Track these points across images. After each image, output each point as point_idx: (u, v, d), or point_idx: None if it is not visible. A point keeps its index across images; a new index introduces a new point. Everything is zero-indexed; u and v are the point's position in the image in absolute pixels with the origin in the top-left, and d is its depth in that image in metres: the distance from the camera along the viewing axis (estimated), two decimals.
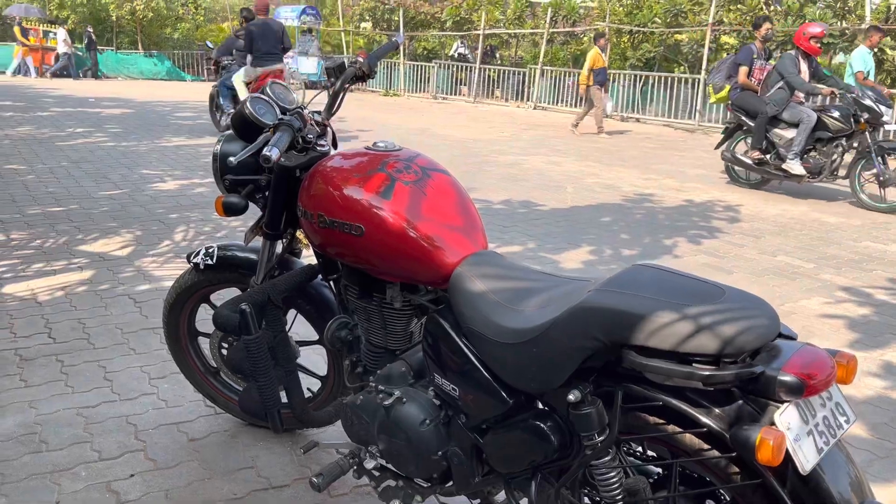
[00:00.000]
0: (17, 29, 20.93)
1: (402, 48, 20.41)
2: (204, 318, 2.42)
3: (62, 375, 2.86)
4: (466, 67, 19.62)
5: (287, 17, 21.56)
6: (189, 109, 13.58)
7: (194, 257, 2.27)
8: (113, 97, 15.15)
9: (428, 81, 20.05)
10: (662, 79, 15.14)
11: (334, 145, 2.16)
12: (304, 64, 20.95)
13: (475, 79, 18.96)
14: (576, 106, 16.84)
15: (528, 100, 17.87)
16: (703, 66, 14.06)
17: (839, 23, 13.06)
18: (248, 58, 9.36)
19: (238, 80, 9.59)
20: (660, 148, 11.31)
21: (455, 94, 19.93)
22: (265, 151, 1.71)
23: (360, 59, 2.15)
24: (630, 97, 15.65)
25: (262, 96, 2.02)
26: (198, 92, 17.85)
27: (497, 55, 21.67)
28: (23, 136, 8.88)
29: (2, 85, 17.68)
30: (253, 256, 2.22)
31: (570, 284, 1.59)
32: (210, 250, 2.26)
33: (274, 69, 9.56)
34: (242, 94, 9.50)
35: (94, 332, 3.29)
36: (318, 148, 2.04)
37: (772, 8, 14.63)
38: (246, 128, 1.96)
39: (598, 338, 1.34)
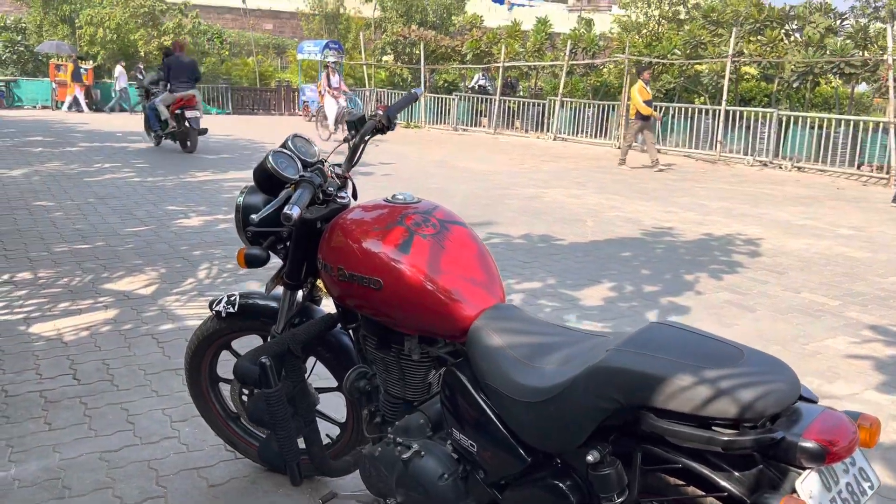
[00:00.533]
0: (70, 66, 21.64)
1: (423, 80, 20.65)
2: (225, 364, 2.45)
3: (85, 418, 2.89)
4: (486, 99, 19.78)
5: (310, 51, 21.95)
6: (213, 143, 13.79)
7: (216, 305, 2.30)
8: (139, 131, 15.44)
9: (448, 113, 20.23)
10: (683, 109, 15.16)
11: (354, 196, 2.19)
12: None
13: (495, 110, 19.10)
14: (595, 136, 16.91)
15: (547, 131, 17.95)
16: (724, 97, 14.06)
17: (861, 53, 13.01)
18: (168, 86, 11.59)
19: (160, 103, 11.73)
20: (680, 179, 11.28)
21: (475, 126, 20.08)
22: (286, 210, 1.73)
23: (380, 112, 2.19)
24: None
25: (285, 150, 2.06)
26: (223, 125, 18.15)
27: (517, 87, 21.85)
28: (52, 172, 9.08)
29: (32, 119, 18.12)
30: (274, 304, 2.25)
31: (588, 341, 1.59)
32: (232, 298, 2.29)
33: (186, 95, 11.57)
34: (164, 114, 11.79)
35: (117, 373, 3.33)
36: (338, 200, 2.07)
37: (792, 39, 14.64)
38: (268, 181, 2.00)
39: (617, 399, 1.34)
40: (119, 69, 21.95)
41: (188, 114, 11.53)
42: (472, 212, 7.78)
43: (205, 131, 12.12)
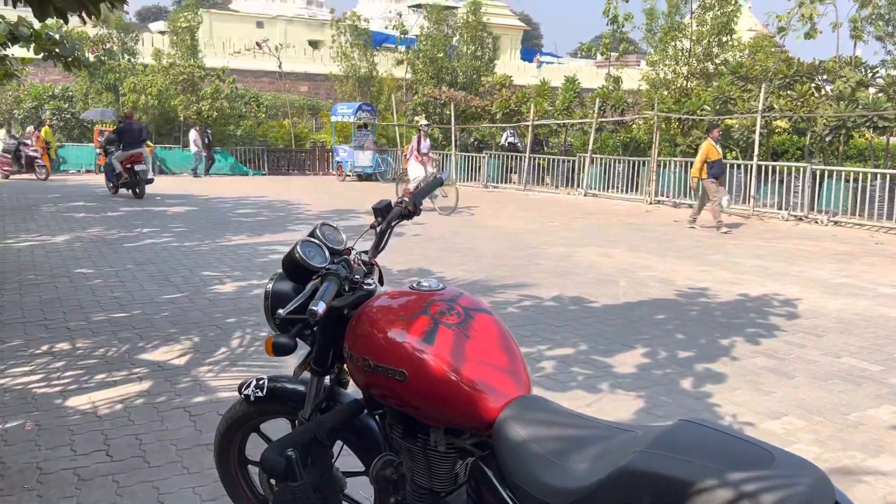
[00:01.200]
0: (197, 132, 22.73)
1: (453, 139, 20.97)
2: (254, 446, 2.45)
3: (117, 497, 2.91)
4: (516, 156, 20.00)
5: (343, 113, 22.49)
6: (249, 206, 14.11)
7: (245, 389, 2.32)
8: (179, 194, 15.89)
9: (479, 170, 20.46)
10: None
11: (381, 282, 2.21)
12: (360, 158, 21.70)
13: (525, 167, 19.26)
14: (626, 191, 16.90)
15: (578, 187, 18.01)
16: (755, 152, 14.00)
17: (894, 106, 12.91)
18: (121, 146, 14.68)
19: (115, 160, 14.66)
20: (713, 236, 11.18)
21: (506, 182, 20.25)
22: (311, 306, 1.76)
23: (406, 199, 2.24)
24: (682, 183, 15.62)
25: (313, 239, 2.10)
26: (259, 187, 18.59)
27: (547, 143, 22.06)
28: (93, 238, 9.35)
29: (76, 184, 18.77)
30: (302, 389, 2.26)
31: (616, 436, 1.56)
32: (260, 382, 2.31)
33: (135, 152, 14.65)
34: (118, 168, 14.69)
35: (149, 448, 3.36)
36: (364, 287, 2.10)
37: (822, 93, 14.61)
38: (296, 270, 2.04)
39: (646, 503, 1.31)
40: (193, 133, 22.85)
41: (137, 167, 14.54)
42: (502, 273, 7.79)
43: (151, 181, 15.11)
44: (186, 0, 27.02)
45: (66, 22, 9.45)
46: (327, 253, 2.08)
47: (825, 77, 14.66)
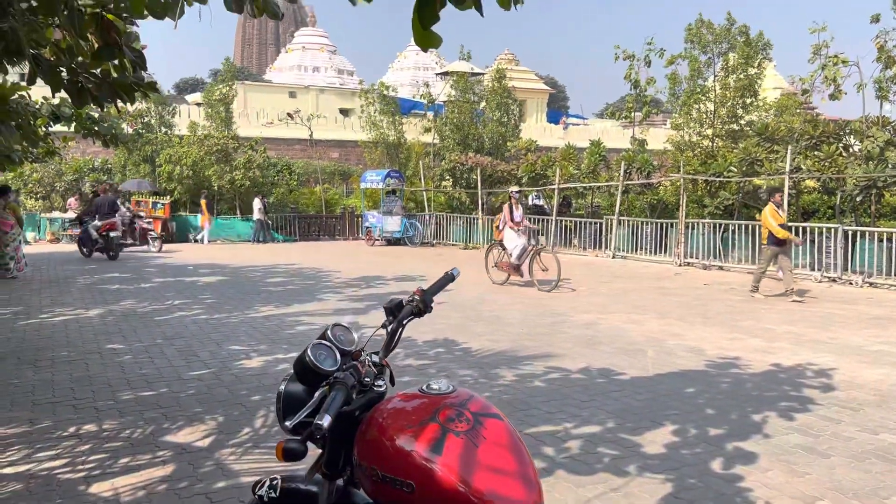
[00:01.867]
0: (203, 202, 23.42)
1: (479, 203, 21.14)
2: None
3: None
4: (543, 219, 20.06)
5: (372, 180, 22.90)
6: (280, 274, 14.30)
7: (259, 489, 2.31)
8: (210, 264, 16.18)
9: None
10: (743, 226, 15.00)
11: (392, 382, 2.21)
12: (388, 223, 21.97)
13: (552, 230, 19.30)
14: (655, 252, 16.79)
15: (606, 249, 17.95)
16: (785, 213, 13.86)
17: None
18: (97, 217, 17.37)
19: (92, 228, 17.20)
20: (744, 300, 11.00)
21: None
22: (317, 420, 1.77)
23: (417, 297, 2.26)
24: (711, 245, 15.50)
25: (324, 341, 2.12)
26: (289, 254, 18.85)
27: (571, 204, 22.13)
28: (125, 311, 9.52)
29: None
30: (315, 489, 2.24)
31: None
32: (274, 482, 2.30)
33: (109, 221, 17.31)
34: (94, 235, 17.25)
35: None
36: (375, 388, 2.10)
37: (850, 153, 14.52)
38: (306, 373, 2.06)
39: None
40: (257, 202, 23.50)
41: (111, 234, 17.24)
42: (528, 343, 7.73)
43: (121, 248, 17.90)
44: (222, 73, 27.85)
45: (102, 109, 9.81)
46: (338, 355, 2.10)
47: (853, 138, 14.59)
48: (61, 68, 5.94)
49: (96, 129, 12.78)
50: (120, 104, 6.18)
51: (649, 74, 19.67)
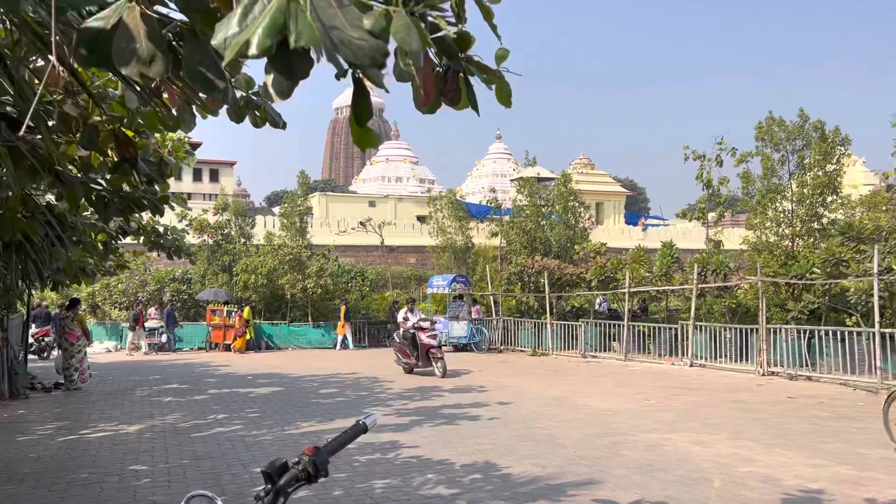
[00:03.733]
0: (343, 308, 24.17)
1: (547, 307, 20.48)
2: None
3: None
4: (616, 324, 19.19)
5: (439, 285, 22.74)
6: (336, 384, 13.98)
7: None
8: (272, 373, 16.09)
9: (576, 339, 19.72)
10: (832, 332, 13.77)
11: None
12: (454, 328, 21.55)
13: (624, 335, 18.38)
14: (736, 360, 15.58)
15: (683, 356, 16.85)
16: (876, 318, 12.64)
17: None
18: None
19: (30, 334, 16.56)
20: (832, 417, 9.82)
21: (606, 351, 19.33)
22: None
23: (306, 458, 1.79)
24: (797, 353, 14.26)
25: None
26: (351, 362, 18.59)
27: (646, 309, 21.16)
28: (166, 427, 9.32)
29: (183, 363, 19.50)
30: None
31: None
32: None
33: (42, 329, 19.79)
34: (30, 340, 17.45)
35: None
36: None
37: None
38: None
39: None
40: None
41: (45, 339, 20.11)
42: (577, 469, 6.98)
43: (53, 347, 20.06)
44: (298, 185, 28.92)
45: (129, 222, 9.88)
46: None
47: None
48: (87, 183, 6.03)
49: (161, 241, 13.22)
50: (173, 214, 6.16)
51: (721, 174, 18.98)
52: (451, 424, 9.43)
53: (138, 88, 4.59)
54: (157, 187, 6.05)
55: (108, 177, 5.50)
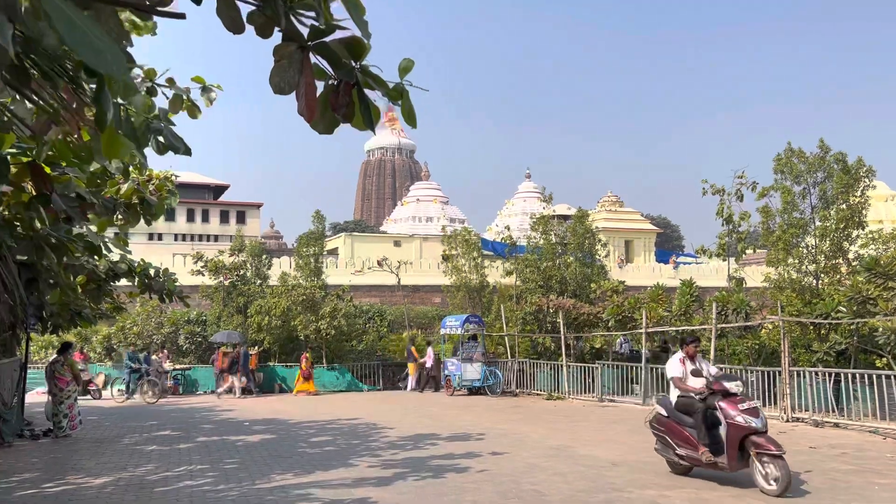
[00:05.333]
0: (414, 349, 23.97)
1: (563, 348, 19.68)
2: None
3: None
4: (635, 366, 18.32)
5: (452, 325, 22.12)
6: (332, 431, 13.42)
7: None
8: (271, 419, 15.61)
9: (594, 382, 18.87)
10: (861, 375, 12.81)
11: None
12: (467, 371, 20.85)
13: (642, 378, 17.50)
14: (764, 406, 14.60)
15: None
16: None
17: None
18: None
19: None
20: (854, 471, 8.91)
21: (626, 394, 18.43)
22: None
23: None
24: (823, 397, 13.30)
25: None
26: (356, 405, 18.02)
27: (671, 350, 20.22)
28: (133, 480, 8.84)
29: (187, 406, 19.15)
30: None
31: None
32: None
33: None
34: None
35: None
36: None
37: None
38: None
39: None
40: (430, 350, 23.52)
41: None
42: None
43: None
44: (314, 224, 28.71)
45: (39, 265, 9.41)
46: None
47: None
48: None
49: (152, 284, 12.91)
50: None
51: (742, 209, 18.18)
52: (436, 478, 8.78)
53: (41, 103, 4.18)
54: (78, 225, 5.69)
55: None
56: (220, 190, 63.31)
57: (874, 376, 12.51)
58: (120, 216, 9.32)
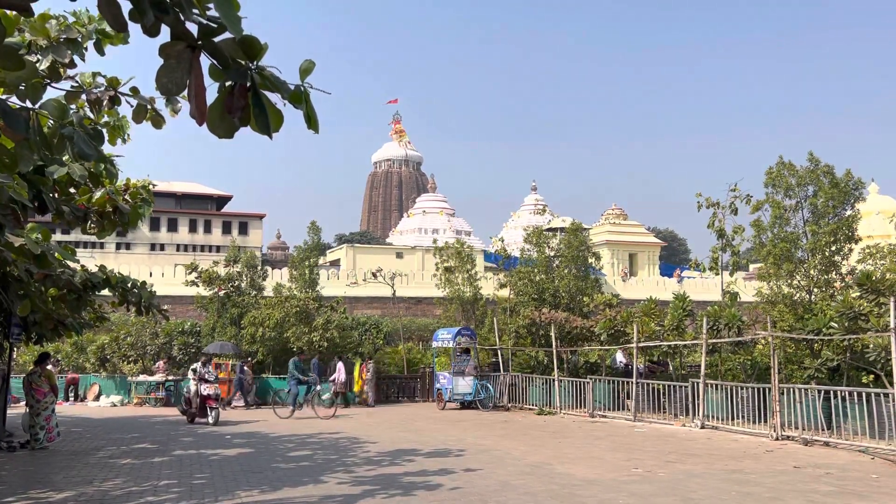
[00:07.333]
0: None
1: (555, 361, 19.43)
2: None
3: None
4: (627, 381, 18.07)
5: (444, 338, 21.90)
6: (313, 445, 13.24)
7: None
8: (253, 432, 15.46)
9: (587, 396, 18.62)
10: (853, 392, 12.54)
11: None
12: (459, 384, 20.62)
13: (633, 393, 17.24)
14: (752, 421, 14.35)
15: (695, 416, 15.64)
16: (895, 379, 11.43)
17: None
18: None
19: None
20: (834, 492, 8.64)
21: (619, 409, 18.18)
22: None
23: None
24: (813, 414, 13.03)
25: None
26: (342, 421, 17.81)
27: (669, 365, 19.95)
28: (93, 496, 8.65)
29: (175, 419, 18.95)
30: None
31: None
32: None
33: None
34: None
35: None
36: None
37: None
38: None
39: None
40: (339, 364, 23.09)
41: None
42: None
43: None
44: (309, 235, 28.62)
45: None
46: None
47: None
48: None
49: (130, 297, 12.78)
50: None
51: (736, 223, 17.95)
52: (405, 496, 8.57)
53: None
54: (8, 232, 5.56)
55: None
56: (223, 201, 63.42)
57: (863, 394, 12.25)
58: (93, 224, 9.24)
